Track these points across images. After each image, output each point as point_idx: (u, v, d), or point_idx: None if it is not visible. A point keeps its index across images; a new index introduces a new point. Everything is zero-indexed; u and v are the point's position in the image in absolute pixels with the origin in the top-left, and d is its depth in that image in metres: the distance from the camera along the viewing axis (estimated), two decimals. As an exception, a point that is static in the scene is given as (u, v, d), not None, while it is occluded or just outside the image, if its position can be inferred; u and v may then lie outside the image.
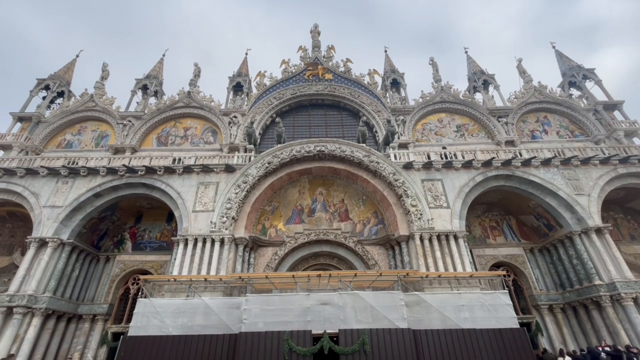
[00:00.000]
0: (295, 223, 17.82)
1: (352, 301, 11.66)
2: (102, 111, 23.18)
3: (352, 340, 10.80)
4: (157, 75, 27.67)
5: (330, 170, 17.95)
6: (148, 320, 11.85)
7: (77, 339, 16.00)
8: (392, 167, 16.99)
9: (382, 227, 17.50)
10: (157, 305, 11.96)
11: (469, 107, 23.20)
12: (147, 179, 17.19)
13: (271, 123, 23.42)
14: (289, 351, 10.51)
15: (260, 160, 17.24)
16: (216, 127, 22.87)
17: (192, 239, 15.17)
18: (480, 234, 18.72)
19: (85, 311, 16.53)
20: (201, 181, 17.08)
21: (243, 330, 11.04)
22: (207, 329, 11.56)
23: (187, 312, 11.98)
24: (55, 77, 25.44)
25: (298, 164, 17.73)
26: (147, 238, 18.92)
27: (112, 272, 17.75)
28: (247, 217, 16.31)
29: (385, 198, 16.93)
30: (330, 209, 18.19)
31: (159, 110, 23.21)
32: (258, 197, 16.84)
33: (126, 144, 21.51)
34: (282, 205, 18.04)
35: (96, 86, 24.72)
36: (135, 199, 17.92)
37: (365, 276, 13.25)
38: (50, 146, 22.23)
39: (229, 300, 12.48)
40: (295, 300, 11.79)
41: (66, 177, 17.20)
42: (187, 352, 10.87)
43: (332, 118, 24.50)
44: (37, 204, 16.45)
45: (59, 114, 23.13)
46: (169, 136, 22.76)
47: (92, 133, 22.98)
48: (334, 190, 18.54)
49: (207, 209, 16.10)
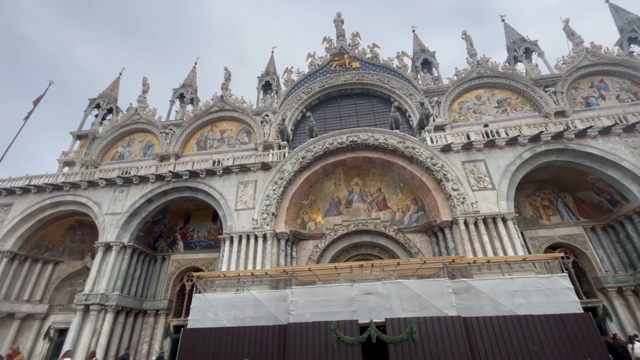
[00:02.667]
0: (334, 215, 17.92)
1: (396, 290, 11.53)
2: (147, 122, 24.93)
3: (399, 329, 10.71)
4: (192, 83, 29.05)
5: (365, 159, 17.74)
6: (204, 314, 12.66)
7: (144, 331, 17.62)
8: (429, 152, 16.37)
9: (422, 213, 17.01)
10: (210, 299, 12.75)
11: (510, 80, 21.55)
12: (191, 183, 18.24)
13: (302, 118, 23.60)
14: (337, 340, 10.69)
15: (294, 156, 17.49)
16: (250, 128, 23.57)
17: (237, 236, 15.90)
18: (531, 215, 17.47)
19: (148, 307, 18.12)
20: (240, 180, 17.76)
21: (291, 321, 11.41)
22: (257, 321, 12.10)
23: (238, 305, 12.61)
24: (103, 95, 27.76)
25: (332, 156, 17.73)
26: (196, 238, 20.21)
27: (169, 270, 19.26)
28: (286, 212, 16.70)
29: (424, 184, 16.39)
30: (368, 199, 18.02)
31: (196, 116, 24.42)
32: (295, 192, 17.15)
33: (170, 151, 22.98)
34: (319, 199, 18.21)
35: (139, 100, 26.59)
36: (182, 202, 19.12)
37: (408, 264, 13.01)
38: (106, 159, 24.43)
39: (275, 292, 12.95)
40: (339, 291, 11.93)
41: (121, 186, 18.80)
42: (241, 342, 11.48)
43: (363, 107, 24.09)
44: (99, 212, 18.21)
45: (110, 129, 25.29)
46: (207, 140, 23.91)
47: (139, 144, 24.85)
48: (370, 180, 18.32)
49: (248, 206, 16.74)
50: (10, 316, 17.64)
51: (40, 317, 18.40)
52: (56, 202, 18.98)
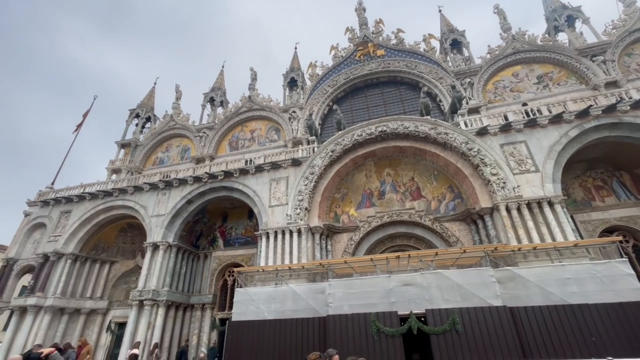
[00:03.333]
0: (366, 207, 17.78)
1: (436, 280, 11.26)
2: (181, 128, 26.19)
3: (440, 320, 10.48)
4: (220, 86, 29.98)
5: (395, 149, 17.36)
6: (246, 307, 13.19)
7: (193, 324, 18.76)
8: (464, 136, 15.65)
9: (459, 201, 16.37)
10: (251, 293, 13.26)
11: (551, 52, 19.90)
12: (226, 182, 18.94)
13: (329, 112, 23.52)
14: (377, 332, 10.69)
15: (323, 150, 17.53)
16: (278, 125, 23.93)
17: (272, 232, 16.33)
18: (582, 197, 16.16)
19: (195, 301, 19.24)
20: (272, 177, 18.15)
21: (330, 313, 11.56)
22: (297, 313, 12.40)
23: (278, 298, 12.99)
24: (141, 105, 29.51)
25: (361, 148, 17.55)
26: (234, 235, 21.04)
27: (211, 266, 20.28)
28: (319, 207, 16.84)
29: (460, 170, 15.74)
30: (401, 189, 17.66)
31: (226, 118, 25.22)
32: (326, 186, 17.22)
33: (204, 153, 24.00)
34: (351, 191, 18.14)
35: (173, 106, 27.95)
36: (219, 201, 19.94)
37: (447, 254, 12.63)
38: (148, 165, 26.05)
39: (313, 285, 13.18)
40: (376, 283, 11.88)
41: (163, 189, 19.98)
42: (283, 333, 11.85)
43: (390, 95, 23.51)
44: (146, 214, 19.52)
45: (149, 136, 26.88)
46: (239, 140, 24.64)
47: (176, 148, 26.19)
48: (402, 170, 17.91)
49: (281, 202, 17.10)
50: (77, 311, 19.57)
51: (102, 312, 20.24)
52: (108, 207, 20.63)
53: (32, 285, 19.33)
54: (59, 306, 18.72)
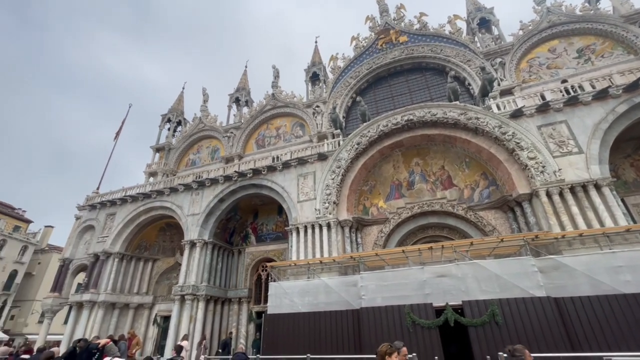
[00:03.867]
0: (396, 198, 17.49)
1: (472, 271, 10.89)
2: (210, 129, 27.09)
3: (478, 311, 10.14)
4: (245, 86, 30.59)
5: (423, 137, 16.86)
6: (280, 300, 13.53)
7: (231, 317, 19.57)
8: (496, 120, 14.87)
9: (494, 188, 15.65)
10: (285, 287, 13.57)
11: (593, 22, 18.29)
12: (255, 180, 19.40)
13: (352, 104, 23.27)
14: (412, 324, 10.56)
15: (349, 143, 17.41)
16: (303, 121, 24.06)
17: (302, 227, 16.54)
18: (634, 178, 14.85)
19: (232, 295, 20.03)
20: (299, 173, 18.33)
21: (363, 306, 11.57)
22: (330, 306, 12.53)
23: (311, 292, 13.19)
24: (172, 110, 30.83)
25: (387, 139, 17.22)
26: (265, 231, 21.58)
27: (245, 262, 20.98)
28: (347, 200, 16.81)
29: (494, 156, 15.00)
30: (431, 179, 17.17)
31: (252, 117, 25.73)
32: (354, 179, 17.12)
33: (233, 153, 24.69)
34: (379, 183, 17.90)
35: (201, 109, 28.93)
36: (249, 198, 20.49)
37: (483, 244, 12.15)
38: (181, 167, 27.27)
39: (345, 278, 13.24)
40: (409, 275, 11.70)
41: (197, 189, 20.85)
42: (317, 325, 12.05)
43: (415, 82, 22.80)
44: (182, 214, 20.51)
45: (181, 139, 28.08)
46: (265, 138, 25.08)
47: (206, 149, 27.17)
48: (431, 158, 17.39)
49: (309, 197, 17.25)
50: (127, 306, 21.07)
51: (148, 307, 21.65)
52: (147, 208, 21.89)
53: (86, 282, 21.06)
54: (110, 301, 20.26)
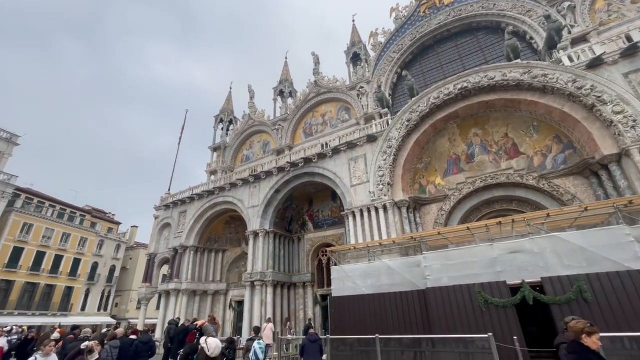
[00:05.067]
0: (454, 174, 16.51)
1: (551, 245, 9.91)
2: (259, 124, 28.15)
3: (562, 288, 9.25)
4: (287, 77, 31.00)
5: (481, 105, 15.50)
6: (343, 283, 13.83)
7: (297, 301, 20.61)
8: (569, 74, 13.03)
9: (571, 152, 13.88)
10: (347, 270, 13.81)
11: None
12: (307, 169, 19.80)
13: (398, 80, 22.26)
14: (485, 303, 10.04)
15: (398, 121, 16.76)
16: (347, 104, 23.72)
17: (358, 211, 16.55)
18: None
19: (296, 280, 21.02)
20: (350, 157, 18.23)
21: (429, 286, 11.30)
22: (394, 287, 12.46)
23: (373, 274, 13.24)
24: (223, 110, 32.60)
25: (440, 112, 16.19)
26: (321, 217, 22.07)
27: (305, 248, 21.78)
28: (402, 180, 16.32)
29: (568, 116, 13.24)
30: (493, 149, 15.82)
31: (297, 107, 26.07)
32: (407, 157, 16.50)
33: (283, 144, 25.41)
34: (434, 159, 17.03)
35: (249, 106, 30.13)
36: (303, 187, 21.01)
37: (562, 214, 10.93)
38: (237, 163, 28.90)
39: (407, 259, 13.00)
40: (477, 253, 11.06)
41: (253, 182, 21.98)
42: (383, 307, 12.11)
43: (466, 46, 20.92)
44: (243, 207, 21.87)
45: (234, 137, 29.67)
46: (312, 126, 25.32)
47: (258, 144, 28.35)
48: (492, 127, 15.97)
49: (362, 181, 17.11)
50: (205, 292, 23.39)
51: (223, 293, 23.77)
52: (212, 204, 23.75)
53: (169, 273, 23.79)
54: (191, 289, 22.66)
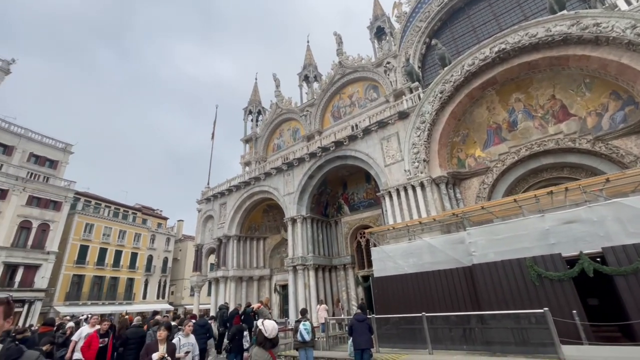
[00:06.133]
0: (495, 144, 15.55)
1: (612, 212, 9.09)
2: (287, 112, 28.24)
3: (627, 258, 8.52)
4: (310, 62, 30.57)
5: (522, 67, 14.26)
6: (384, 264, 13.80)
7: (339, 283, 21.00)
8: (627, 19, 11.51)
9: (632, 108, 12.43)
10: (387, 250, 13.75)
11: None
12: (338, 152, 19.67)
13: (427, 50, 21.07)
14: (538, 277, 9.54)
15: (430, 94, 15.97)
16: (375, 82, 22.98)
17: (394, 190, 16.25)
18: None
19: (336, 263, 21.36)
20: (381, 137, 17.79)
21: (475, 262, 10.94)
22: (437, 265, 12.23)
23: (414, 253, 13.06)
24: (251, 102, 33.06)
25: (476, 79, 15.16)
26: (356, 200, 22.00)
27: (343, 231, 21.95)
28: (438, 155, 15.69)
29: (627, 67, 11.79)
30: (538, 113, 14.61)
31: (323, 91, 25.72)
32: (442, 131, 15.78)
33: (312, 130, 25.36)
34: (472, 131, 16.11)
35: (276, 94, 30.25)
36: (336, 170, 20.96)
37: (623, 178, 9.94)
38: (269, 153, 29.41)
39: (449, 237, 12.65)
40: (527, 225, 10.45)
41: (287, 170, 22.31)
42: (427, 285, 11.98)
43: (501, 4, 19.20)
44: (279, 195, 22.36)
45: (263, 127, 30.10)
46: (340, 109, 24.94)
47: (288, 132, 28.55)
48: (536, 89, 14.69)
49: (396, 159, 16.69)
50: (250, 278, 24.58)
51: (268, 278, 24.82)
52: (250, 194, 24.54)
53: (216, 262, 25.22)
54: (237, 275, 23.91)
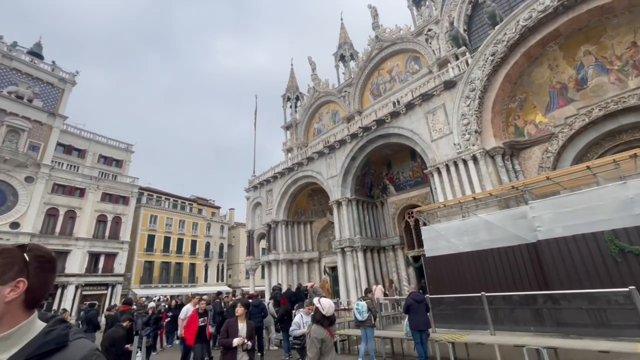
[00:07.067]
0: (560, 107, 13.80)
1: None
2: (325, 94, 27.91)
3: None
4: (345, 40, 29.58)
5: (592, 13, 12.28)
6: (436, 243, 13.22)
7: (389, 263, 20.73)
8: None
9: None
10: (438, 229, 13.12)
11: None
12: (380, 131, 19.00)
13: (474, 10, 19.18)
14: (619, 252, 8.43)
15: (480, 58, 14.55)
16: (416, 53, 21.60)
17: (443, 166, 15.34)
18: None
19: (384, 244, 21.05)
20: (426, 111, 16.77)
21: (541, 238, 9.98)
22: (495, 243, 11.41)
23: (469, 230, 12.30)
24: (288, 88, 33.18)
25: (534, 35, 13.43)
26: (402, 179, 21.26)
27: (389, 211, 21.46)
28: (492, 124, 14.37)
29: None
30: (614, 66, 12.58)
31: (360, 68, 24.85)
32: (495, 98, 14.36)
33: (352, 110, 24.79)
34: (531, 94, 14.44)
35: (312, 78, 29.95)
36: (379, 150, 20.33)
37: None
38: (310, 137, 29.49)
39: (509, 212, 11.67)
40: (603, 195, 9.20)
41: (329, 154, 22.18)
42: (485, 264, 11.26)
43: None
44: (322, 178, 22.42)
45: (302, 112, 30.14)
46: (379, 86, 23.97)
47: (327, 115, 28.27)
48: (610, 38, 12.62)
49: (444, 133, 15.66)
50: (300, 261, 25.32)
51: (317, 260, 25.38)
52: (294, 179, 24.96)
53: (267, 246, 26.33)
54: (287, 258, 24.75)
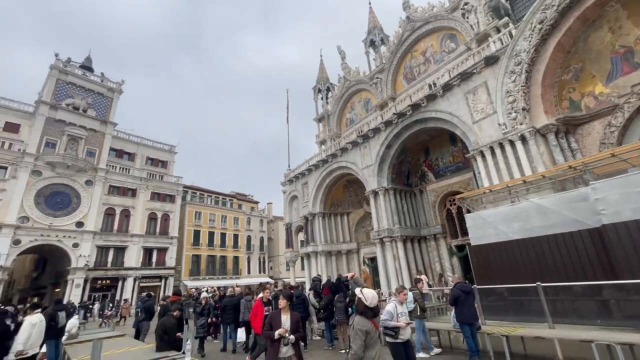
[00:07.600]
0: (625, 74, 12.16)
1: None
2: (356, 83, 27.33)
3: None
4: (375, 24, 28.58)
5: (665, -39, 10.58)
6: (482, 231, 12.42)
7: (431, 253, 20.02)
8: None
9: None
10: (484, 216, 12.32)
11: None
12: (416, 116, 18.19)
13: (516, -25, 17.45)
14: None
15: (526, 28, 13.24)
16: (451, 30, 20.27)
17: (487, 149, 14.34)
18: None
19: (425, 233, 20.32)
20: (465, 91, 15.72)
21: (606, 222, 8.93)
22: (551, 229, 10.42)
23: (519, 216, 11.38)
24: (319, 80, 32.95)
25: (590, -6, 11.91)
26: (442, 165, 20.28)
27: (429, 200, 20.63)
28: (542, 100, 13.09)
29: None
30: (695, 20, 10.79)
31: (392, 53, 23.89)
32: (545, 70, 13.03)
33: (384, 97, 24.00)
34: (589, 62, 12.88)
35: (342, 67, 29.47)
36: (415, 136, 19.52)
37: None
38: (343, 128, 29.14)
39: (566, 195, 10.59)
40: (684, 170, 8.00)
41: (363, 143, 21.75)
42: (538, 251, 10.36)
43: None
44: (357, 169, 22.08)
45: (333, 103, 29.82)
46: (412, 69, 22.92)
47: (359, 104, 27.71)
48: (689, -12, 10.81)
49: (487, 113, 14.58)
50: (339, 252, 25.35)
51: (355, 251, 25.25)
52: (328, 172, 24.89)
53: (306, 238, 26.67)
54: (326, 250, 24.89)
